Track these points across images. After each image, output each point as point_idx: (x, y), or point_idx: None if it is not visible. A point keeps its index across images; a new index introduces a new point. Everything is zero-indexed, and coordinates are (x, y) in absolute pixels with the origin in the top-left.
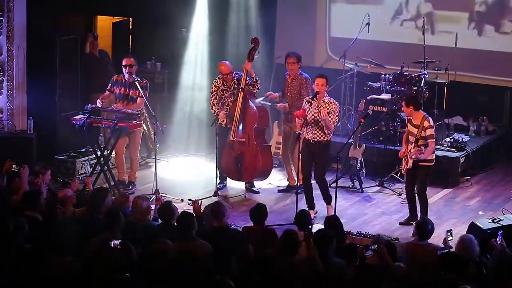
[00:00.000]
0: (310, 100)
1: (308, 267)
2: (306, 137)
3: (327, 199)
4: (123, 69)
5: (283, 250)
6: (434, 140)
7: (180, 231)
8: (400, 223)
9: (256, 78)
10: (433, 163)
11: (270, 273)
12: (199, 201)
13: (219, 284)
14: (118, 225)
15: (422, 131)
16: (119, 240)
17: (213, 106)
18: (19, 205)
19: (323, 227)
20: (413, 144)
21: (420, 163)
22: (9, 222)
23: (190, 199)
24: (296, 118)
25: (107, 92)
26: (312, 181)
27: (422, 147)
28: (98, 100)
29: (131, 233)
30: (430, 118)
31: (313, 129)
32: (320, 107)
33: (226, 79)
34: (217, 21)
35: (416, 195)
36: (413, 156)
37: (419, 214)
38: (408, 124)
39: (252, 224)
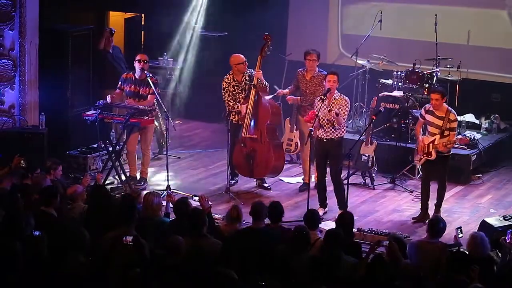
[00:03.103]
0: (323, 97)
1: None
2: (319, 135)
3: (342, 206)
4: (137, 64)
5: (294, 247)
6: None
7: (191, 228)
8: (413, 218)
9: (266, 84)
10: (450, 154)
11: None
12: (207, 197)
13: (221, 275)
14: (131, 222)
15: (448, 123)
16: (132, 237)
17: (229, 103)
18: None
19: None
20: (437, 135)
21: (442, 155)
22: (21, 219)
23: (195, 195)
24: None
25: (117, 90)
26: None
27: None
28: (108, 96)
29: (142, 229)
30: (454, 111)
31: (325, 127)
32: (331, 105)
33: (239, 71)
34: (229, 17)
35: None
36: (442, 149)
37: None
38: (428, 115)
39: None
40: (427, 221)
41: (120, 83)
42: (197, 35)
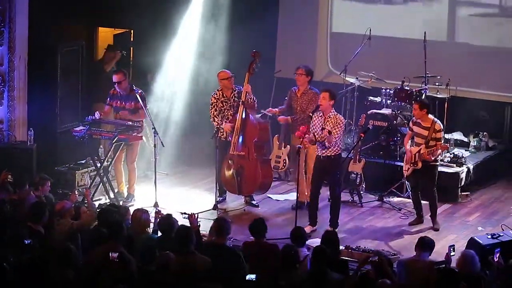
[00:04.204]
0: (311, 114)
1: None
2: (317, 153)
3: (334, 224)
4: (115, 86)
5: (283, 265)
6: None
7: (178, 245)
8: (410, 223)
9: (254, 98)
10: (438, 164)
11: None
12: (196, 215)
13: None
14: (120, 238)
15: (433, 133)
16: (117, 253)
17: (215, 118)
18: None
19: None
20: (422, 145)
21: (427, 164)
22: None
23: (185, 213)
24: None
25: (106, 107)
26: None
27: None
28: (97, 112)
29: (130, 245)
30: (439, 122)
31: (321, 144)
32: (326, 123)
33: (225, 86)
34: (219, 35)
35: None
36: (427, 157)
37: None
38: (415, 127)
39: (252, 238)
40: (417, 239)
41: (108, 99)
42: (186, 52)
